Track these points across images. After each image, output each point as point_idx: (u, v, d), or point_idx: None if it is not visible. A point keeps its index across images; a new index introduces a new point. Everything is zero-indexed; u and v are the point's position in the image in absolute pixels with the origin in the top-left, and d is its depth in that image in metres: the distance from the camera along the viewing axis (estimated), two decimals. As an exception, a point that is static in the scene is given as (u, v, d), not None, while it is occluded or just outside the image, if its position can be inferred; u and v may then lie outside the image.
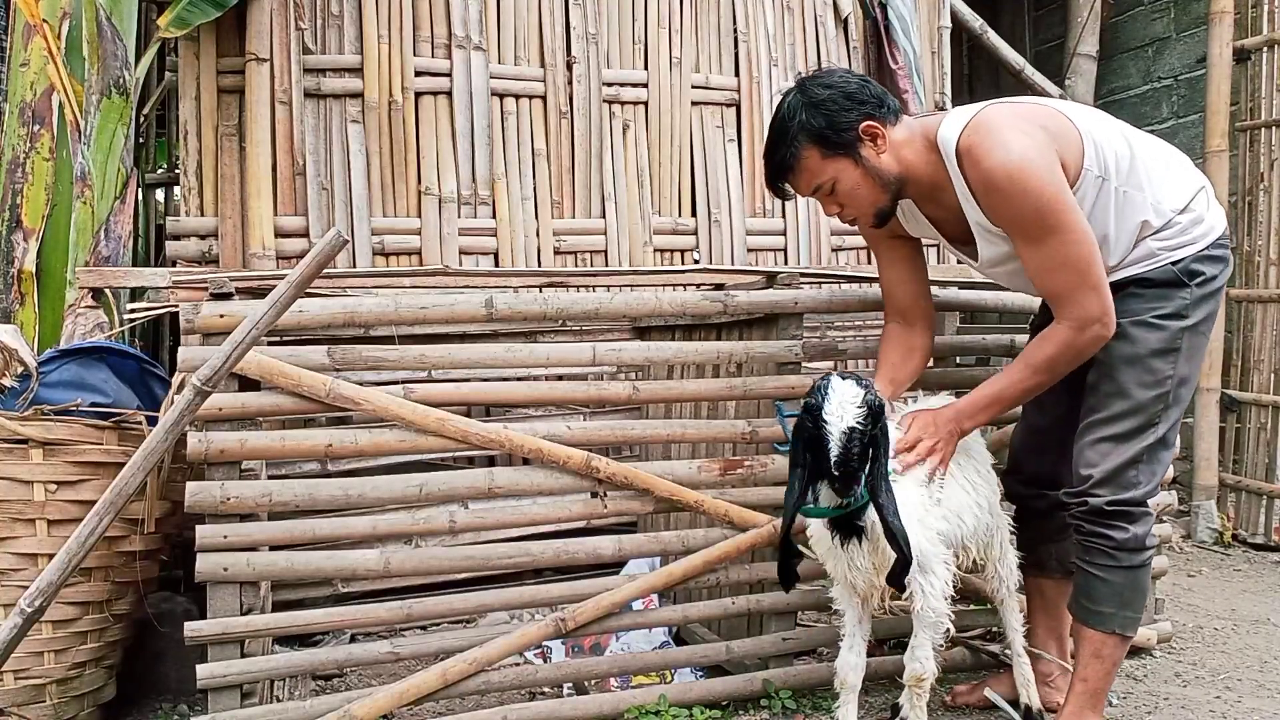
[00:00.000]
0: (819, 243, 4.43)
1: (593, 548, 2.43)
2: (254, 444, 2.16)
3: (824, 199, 2.16)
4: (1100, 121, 2.14)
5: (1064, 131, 2.05)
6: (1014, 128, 2.00)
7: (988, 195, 2.01)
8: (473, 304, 2.33)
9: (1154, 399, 2.09)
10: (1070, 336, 2.03)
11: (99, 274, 2.86)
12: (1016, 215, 1.99)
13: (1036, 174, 1.94)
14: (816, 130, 2.06)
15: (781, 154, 2.11)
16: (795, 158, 2.09)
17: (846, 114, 2.05)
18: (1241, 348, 4.51)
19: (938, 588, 2.00)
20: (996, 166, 1.96)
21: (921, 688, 2.06)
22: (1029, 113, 2.08)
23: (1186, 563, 4.09)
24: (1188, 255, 2.10)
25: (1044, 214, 1.95)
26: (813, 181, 2.12)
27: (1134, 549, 2.11)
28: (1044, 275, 2.03)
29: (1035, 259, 2.02)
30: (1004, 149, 1.96)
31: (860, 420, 1.83)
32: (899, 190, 2.14)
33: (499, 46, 3.93)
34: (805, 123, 2.06)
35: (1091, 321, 2.01)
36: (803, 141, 2.07)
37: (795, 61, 4.43)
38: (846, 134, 2.06)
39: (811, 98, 2.07)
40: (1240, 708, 2.52)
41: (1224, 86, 4.46)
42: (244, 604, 2.17)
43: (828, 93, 2.07)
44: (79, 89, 3.11)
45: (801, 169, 2.11)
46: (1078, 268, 1.98)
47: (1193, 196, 2.13)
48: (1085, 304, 2.00)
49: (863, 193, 2.11)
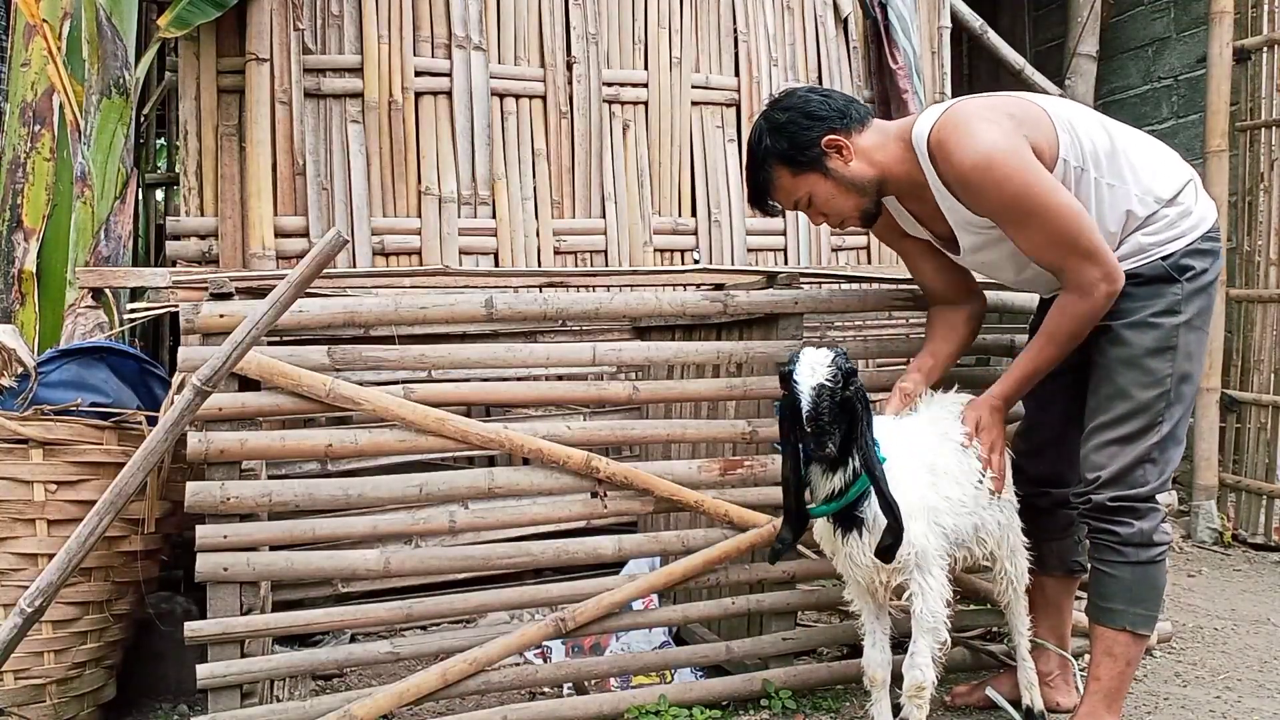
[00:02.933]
0: (819, 243, 4.44)
1: (593, 548, 2.43)
2: (254, 444, 2.16)
3: (806, 210, 2.26)
4: (1077, 112, 2.16)
5: (1035, 119, 2.08)
6: (981, 118, 2.04)
7: (964, 188, 2.06)
8: (473, 304, 2.33)
9: (1155, 398, 2.10)
10: (1077, 303, 2.07)
11: (99, 274, 2.86)
12: (993, 204, 2.04)
13: (1004, 161, 1.98)
14: (781, 152, 2.16)
15: (757, 177, 2.23)
16: (769, 180, 2.21)
17: (807, 132, 2.14)
18: (1241, 348, 4.51)
19: (936, 589, 1.99)
20: (965, 159, 2.01)
21: (922, 697, 2.01)
22: (998, 103, 2.13)
23: (1186, 563, 4.09)
24: (1177, 250, 2.10)
25: (1019, 198, 1.99)
26: (790, 197, 2.23)
27: (1140, 544, 2.11)
28: (1038, 253, 2.08)
29: (1025, 241, 2.07)
30: (970, 140, 2.01)
31: (829, 378, 1.88)
32: (879, 190, 2.20)
33: (499, 46, 3.93)
34: (770, 147, 2.17)
35: (1094, 285, 2.04)
36: (772, 164, 2.19)
37: (795, 61, 4.43)
38: (809, 151, 2.15)
39: (773, 122, 2.17)
40: (1240, 708, 2.52)
41: (1224, 86, 4.46)
42: (244, 604, 2.17)
43: (787, 115, 2.16)
44: (79, 89, 3.11)
45: (777, 188, 2.22)
46: (1064, 241, 2.02)
47: (1180, 188, 2.13)
48: (1081, 271, 2.04)
49: (839, 201, 2.20)
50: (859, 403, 1.91)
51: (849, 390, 1.90)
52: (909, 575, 1.99)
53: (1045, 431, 2.35)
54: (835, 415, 1.88)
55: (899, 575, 2.00)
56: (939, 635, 2.01)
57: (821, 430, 1.87)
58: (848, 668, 2.52)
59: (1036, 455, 2.36)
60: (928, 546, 1.98)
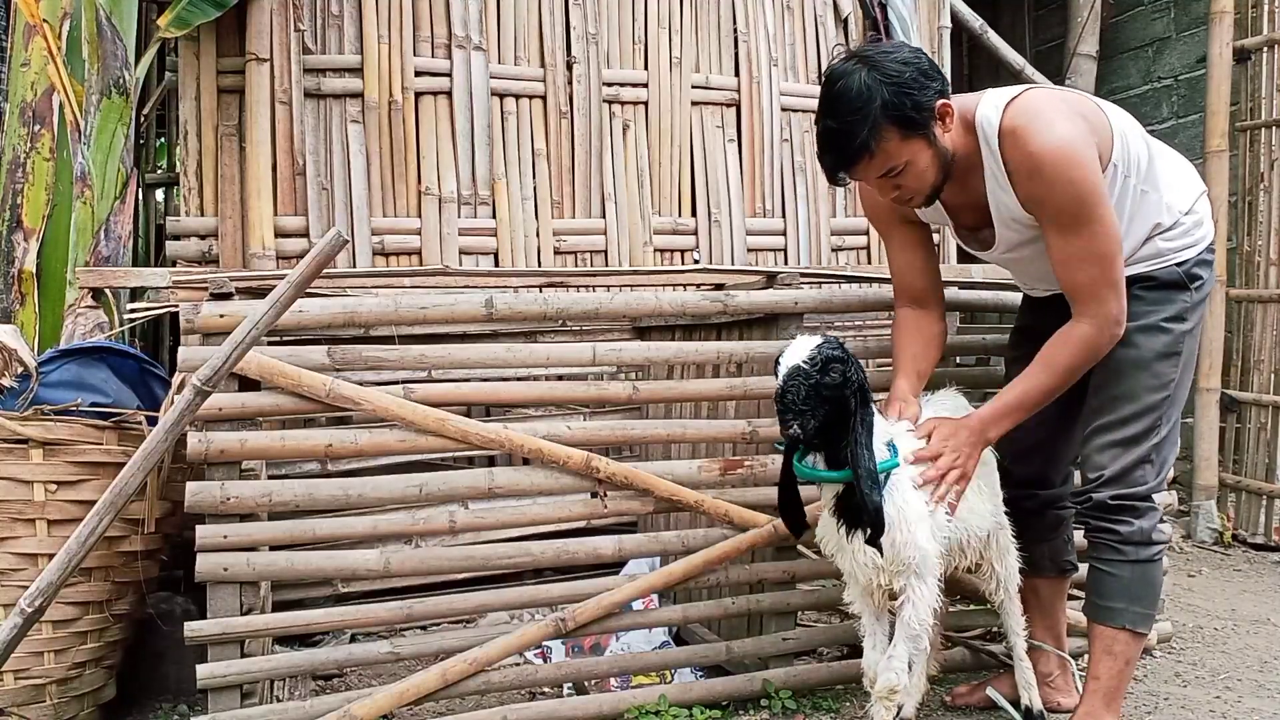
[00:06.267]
0: (819, 243, 4.44)
1: (593, 548, 2.43)
2: (254, 444, 2.16)
3: (887, 181, 2.01)
4: (1128, 120, 2.15)
5: (1100, 124, 2.05)
6: (1060, 113, 1.98)
7: (1030, 178, 1.96)
8: (473, 304, 2.33)
9: (1159, 401, 2.12)
10: (1092, 337, 2.02)
11: (99, 274, 2.87)
12: (1055, 201, 1.95)
13: (1081, 162, 1.93)
14: (900, 111, 1.91)
15: (862, 138, 1.91)
16: (876, 140, 1.92)
17: (924, 92, 1.93)
18: (1241, 348, 4.51)
19: (928, 598, 1.99)
20: (1043, 149, 1.92)
21: (893, 700, 2.01)
22: (1073, 100, 2.08)
23: (1186, 563, 4.09)
24: (1190, 257, 2.13)
25: (1082, 203, 1.93)
26: (887, 164, 1.97)
27: (1139, 542, 2.12)
28: (1069, 265, 2.00)
29: (1065, 249, 1.99)
30: (1050, 132, 1.93)
31: (805, 361, 1.87)
32: (950, 171, 2.04)
33: (499, 46, 3.93)
34: (889, 103, 1.90)
35: (1111, 321, 2.01)
36: (883, 124, 1.91)
37: (795, 61, 4.43)
38: (925, 113, 1.94)
39: (890, 75, 1.91)
40: (1240, 708, 2.52)
41: (1224, 86, 4.46)
42: (244, 604, 2.17)
43: (909, 71, 1.92)
44: (79, 89, 3.11)
45: (879, 152, 1.94)
46: (1103, 263, 1.97)
47: (1196, 199, 2.17)
48: (1107, 301, 2.00)
49: (930, 174, 2.00)
50: (850, 394, 1.89)
51: (828, 377, 1.87)
52: (907, 580, 1.99)
53: (1034, 434, 2.32)
54: (806, 398, 1.85)
55: (899, 579, 2.00)
56: (920, 643, 2.01)
57: (786, 409, 1.86)
58: (848, 668, 2.52)
59: (1024, 458, 2.35)
60: (929, 552, 1.98)
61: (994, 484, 2.24)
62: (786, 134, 4.40)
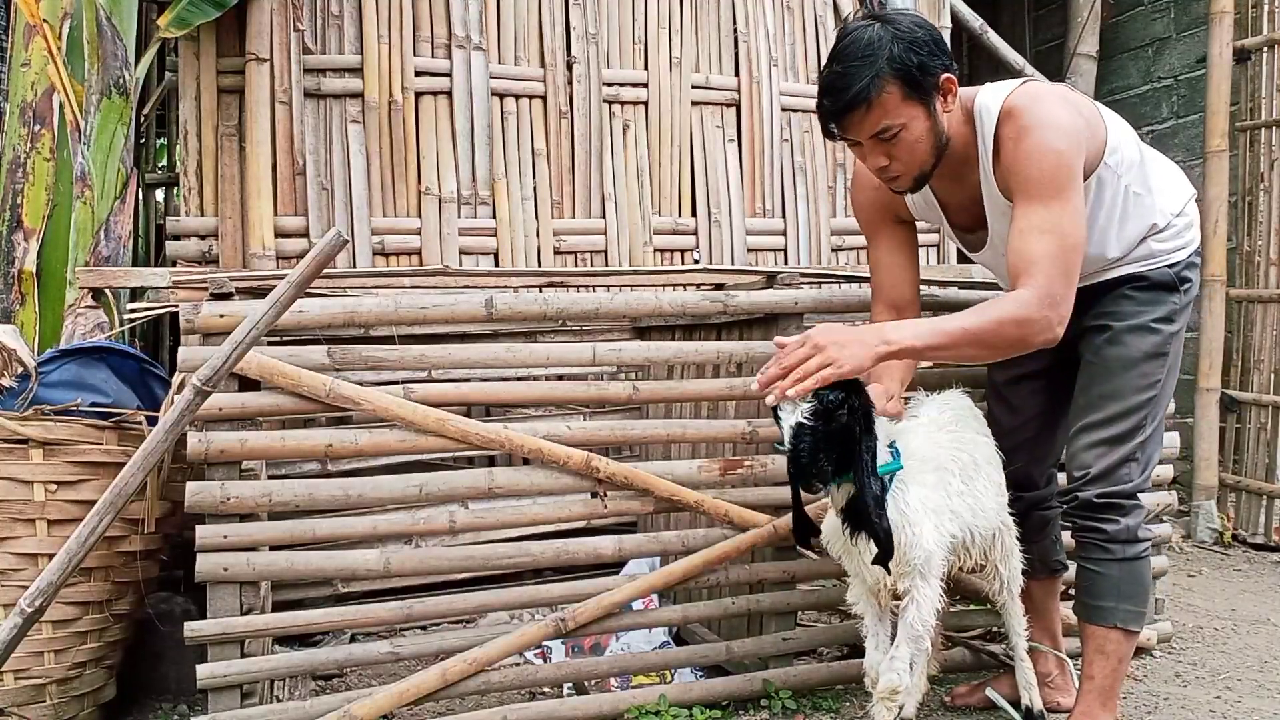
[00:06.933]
0: (819, 243, 4.44)
1: (593, 548, 2.43)
2: (254, 444, 2.16)
3: (878, 146, 1.98)
4: (1122, 123, 2.18)
5: (1096, 124, 2.07)
6: (1061, 100, 2.01)
7: (1016, 143, 1.95)
8: (473, 304, 2.33)
9: (1146, 400, 2.13)
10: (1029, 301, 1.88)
11: (99, 274, 2.87)
12: (1033, 168, 1.92)
13: (1069, 140, 1.94)
14: (905, 67, 1.90)
15: (863, 84, 1.89)
16: (877, 90, 1.90)
17: (935, 59, 1.93)
18: (1241, 348, 4.51)
19: (931, 599, 1.99)
20: (1036, 119, 1.93)
21: (894, 700, 2.00)
22: (1073, 97, 2.10)
23: (1186, 563, 4.09)
24: (1182, 259, 2.16)
25: (1057, 176, 1.91)
26: (882, 121, 1.94)
27: (1126, 540, 2.13)
28: (1027, 235, 1.91)
29: (1029, 218, 1.92)
30: (1047, 110, 1.96)
31: (809, 416, 1.80)
32: (944, 151, 2.03)
33: (499, 46, 3.93)
34: (896, 56, 1.89)
35: (1053, 300, 1.89)
36: (888, 74, 1.90)
37: (795, 61, 4.43)
38: (930, 79, 1.93)
39: (904, 33, 1.91)
40: (1240, 708, 2.52)
41: (1224, 86, 4.46)
42: (244, 604, 2.17)
43: (922, 32, 1.93)
44: (79, 89, 3.11)
45: (877, 104, 1.91)
46: (1063, 241, 1.90)
47: (1186, 202, 2.21)
48: (1054, 280, 1.89)
49: (922, 148, 1.99)
50: (856, 423, 1.85)
51: (834, 424, 1.82)
52: (912, 580, 1.99)
53: (1018, 435, 2.34)
54: (817, 451, 1.81)
55: (904, 580, 1.99)
56: (921, 644, 2.01)
57: (802, 472, 1.82)
58: (848, 668, 2.52)
59: (1007, 459, 2.34)
60: (934, 552, 1.98)
61: (999, 483, 2.23)
62: (786, 134, 4.40)
